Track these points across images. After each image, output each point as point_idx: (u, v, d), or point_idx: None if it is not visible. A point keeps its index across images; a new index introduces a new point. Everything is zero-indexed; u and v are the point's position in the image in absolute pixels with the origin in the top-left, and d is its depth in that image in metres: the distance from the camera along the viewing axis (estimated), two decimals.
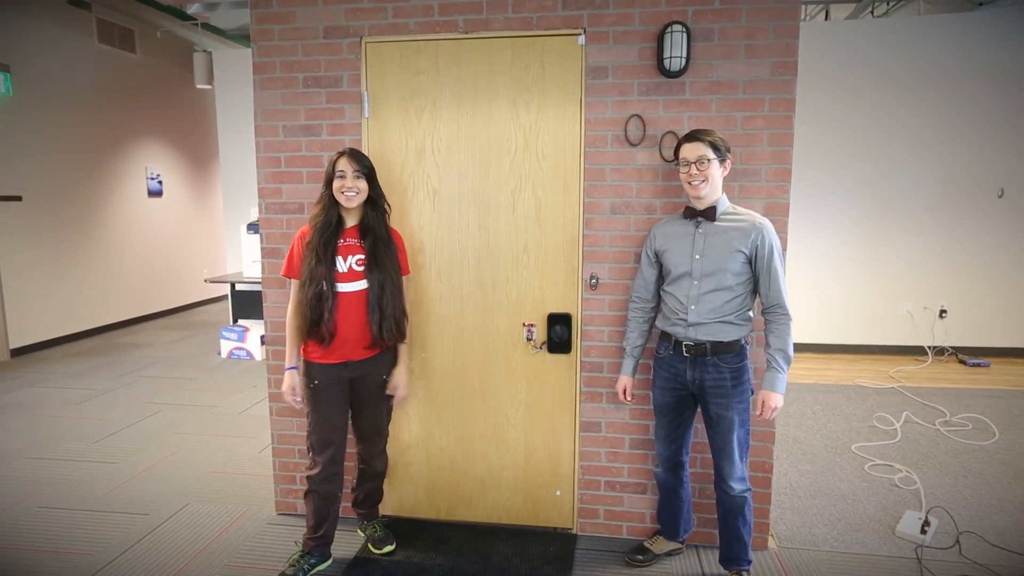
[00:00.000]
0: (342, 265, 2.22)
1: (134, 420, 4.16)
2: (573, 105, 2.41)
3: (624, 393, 2.34)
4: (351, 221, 2.27)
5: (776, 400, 2.04)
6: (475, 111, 2.46)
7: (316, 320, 2.18)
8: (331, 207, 2.22)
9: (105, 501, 3.02)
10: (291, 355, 2.29)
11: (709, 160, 2.04)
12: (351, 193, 2.20)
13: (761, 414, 2.06)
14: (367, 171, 2.23)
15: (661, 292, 2.23)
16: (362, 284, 2.24)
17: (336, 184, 2.20)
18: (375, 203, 2.27)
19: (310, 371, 2.27)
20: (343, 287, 2.21)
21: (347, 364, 2.28)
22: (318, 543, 2.36)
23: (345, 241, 2.24)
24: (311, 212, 2.25)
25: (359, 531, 2.66)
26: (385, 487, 2.75)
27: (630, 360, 2.33)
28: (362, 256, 2.24)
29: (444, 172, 2.52)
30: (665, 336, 2.22)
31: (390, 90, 2.49)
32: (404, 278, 2.37)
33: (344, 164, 2.19)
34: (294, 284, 2.27)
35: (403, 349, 2.43)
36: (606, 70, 2.36)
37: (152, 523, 2.81)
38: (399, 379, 2.41)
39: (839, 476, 3.27)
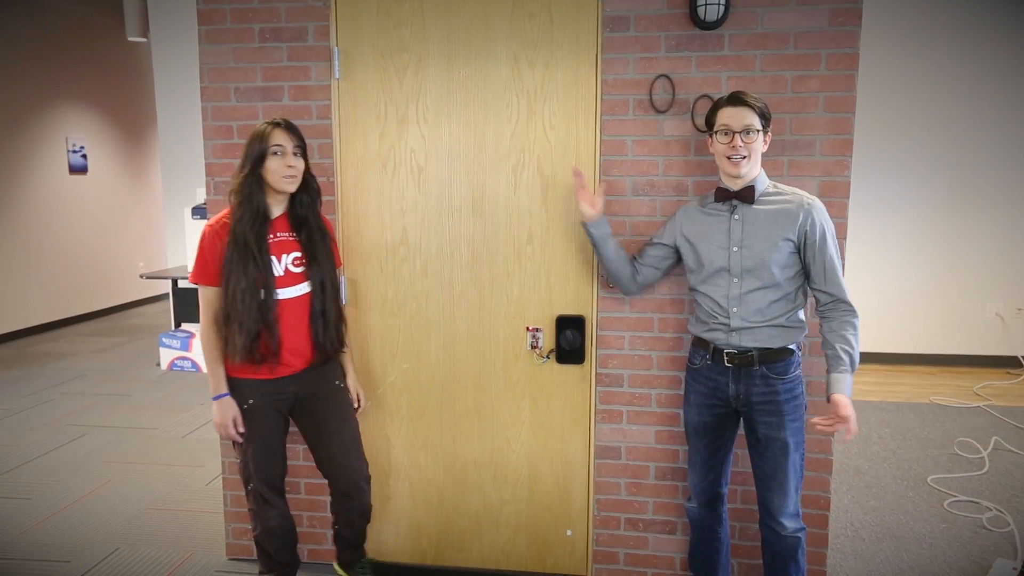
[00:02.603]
0: (277, 267, 2.21)
1: (53, 446, 4.19)
2: (587, 63, 2.43)
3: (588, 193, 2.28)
4: (277, 210, 2.26)
5: (850, 406, 1.99)
6: (469, 71, 2.48)
7: (256, 336, 2.17)
8: (257, 193, 2.18)
9: (17, 546, 3.04)
10: (219, 380, 2.27)
11: (757, 131, 2.04)
12: (293, 174, 2.18)
13: (832, 425, 2.00)
14: (304, 146, 2.23)
15: (692, 291, 2.24)
16: (304, 288, 2.25)
17: (273, 164, 2.16)
18: (308, 185, 2.27)
19: (240, 389, 2.27)
20: (283, 293, 2.22)
21: (287, 378, 2.29)
22: None
23: (275, 236, 2.23)
24: (231, 199, 2.20)
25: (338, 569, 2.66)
26: None
27: (610, 234, 2.30)
28: (299, 254, 2.25)
29: (431, 145, 2.53)
30: (701, 343, 2.23)
31: (365, 45, 2.51)
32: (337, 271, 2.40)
33: (282, 137, 2.16)
34: (207, 292, 2.23)
35: (347, 357, 2.47)
36: (627, 20, 2.38)
37: (74, 572, 2.83)
38: (355, 387, 2.47)
39: (912, 514, 3.29)
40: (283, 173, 2.16)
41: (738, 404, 2.17)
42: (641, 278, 2.32)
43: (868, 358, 5.85)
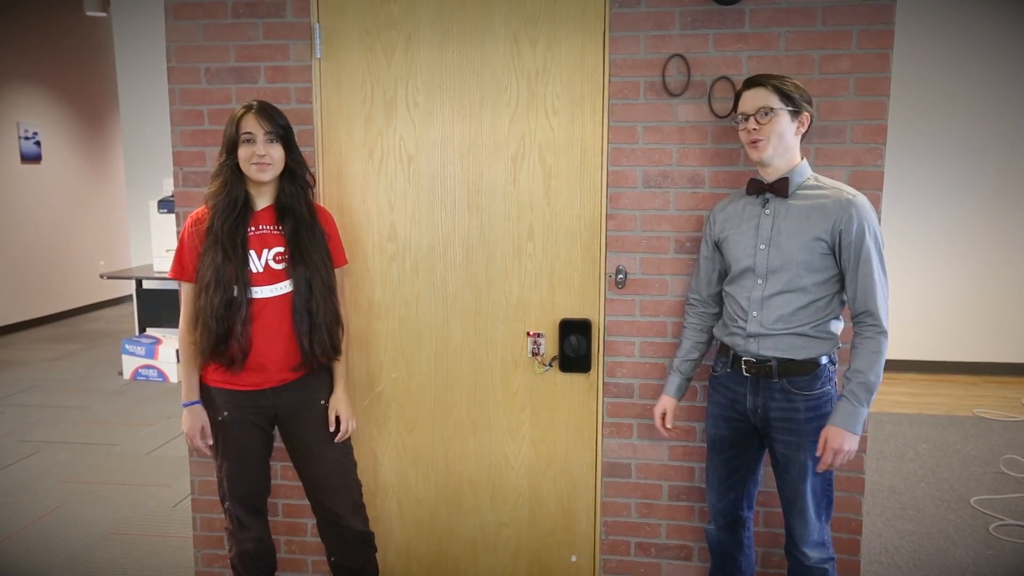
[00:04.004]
0: (256, 263, 2.23)
1: (2, 464, 4.19)
2: (594, 42, 2.44)
3: (663, 420, 2.37)
4: (262, 201, 2.28)
5: (843, 441, 2.01)
6: (463, 50, 2.49)
7: (223, 335, 2.18)
8: (234, 182, 2.22)
9: None
10: (191, 385, 2.30)
11: (773, 111, 2.05)
12: (263, 163, 2.20)
13: (821, 458, 2.06)
14: (283, 132, 2.23)
15: (723, 293, 2.26)
16: (284, 287, 2.25)
17: (243, 152, 2.19)
18: (293, 174, 2.28)
19: (214, 400, 2.29)
20: (260, 292, 2.23)
21: (266, 391, 2.30)
22: None
23: (257, 229, 2.25)
24: (208, 189, 2.25)
25: None
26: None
27: (676, 377, 2.37)
28: (281, 249, 2.26)
29: (422, 132, 2.55)
30: (723, 349, 2.25)
31: (350, 22, 2.52)
32: (338, 271, 2.40)
33: (251, 123, 2.19)
34: (187, 289, 2.27)
35: (339, 365, 2.43)
36: None
37: None
38: (340, 405, 2.40)
39: (953, 540, 3.30)
40: (251, 161, 2.19)
41: (756, 419, 2.19)
42: (721, 305, 2.33)
43: (904, 366, 5.86)
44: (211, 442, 2.32)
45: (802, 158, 2.14)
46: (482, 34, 2.48)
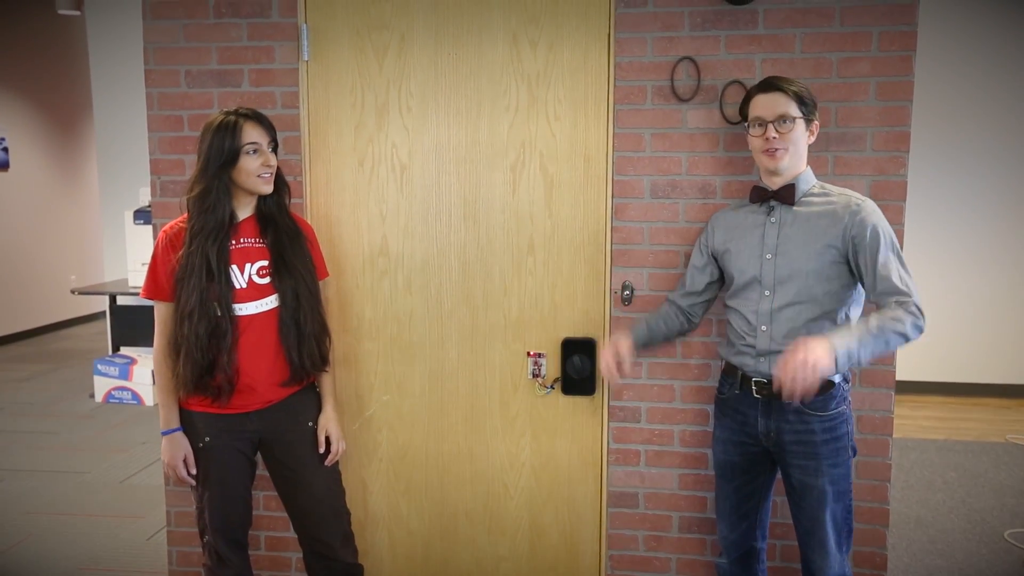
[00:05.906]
0: (238, 279, 2.24)
1: None
2: (598, 43, 2.46)
3: (615, 362, 2.23)
4: (243, 212, 2.29)
5: (820, 351, 1.83)
6: (460, 52, 2.51)
7: (208, 366, 2.19)
8: (224, 200, 2.20)
9: None
10: (171, 411, 2.30)
11: (793, 119, 2.08)
12: (272, 174, 2.23)
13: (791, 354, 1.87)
14: (277, 140, 2.27)
15: (725, 308, 2.27)
16: (270, 302, 2.26)
17: (250, 163, 2.18)
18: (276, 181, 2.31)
19: (195, 425, 2.29)
20: (244, 309, 2.24)
21: (251, 414, 2.30)
22: None
23: (239, 243, 2.26)
24: (188, 206, 2.22)
25: None
26: None
27: (641, 326, 2.32)
28: (264, 263, 2.27)
29: (416, 139, 2.56)
30: (729, 370, 2.26)
31: (339, 21, 2.54)
32: (320, 284, 2.40)
33: (256, 133, 2.19)
34: (160, 309, 2.27)
35: (327, 382, 2.44)
36: None
37: None
38: (330, 424, 2.41)
39: None
40: (259, 173, 2.20)
41: (769, 443, 2.19)
42: (696, 316, 2.34)
43: (931, 388, 5.85)
44: (195, 471, 2.31)
45: (807, 166, 2.17)
46: (480, 34, 2.49)
